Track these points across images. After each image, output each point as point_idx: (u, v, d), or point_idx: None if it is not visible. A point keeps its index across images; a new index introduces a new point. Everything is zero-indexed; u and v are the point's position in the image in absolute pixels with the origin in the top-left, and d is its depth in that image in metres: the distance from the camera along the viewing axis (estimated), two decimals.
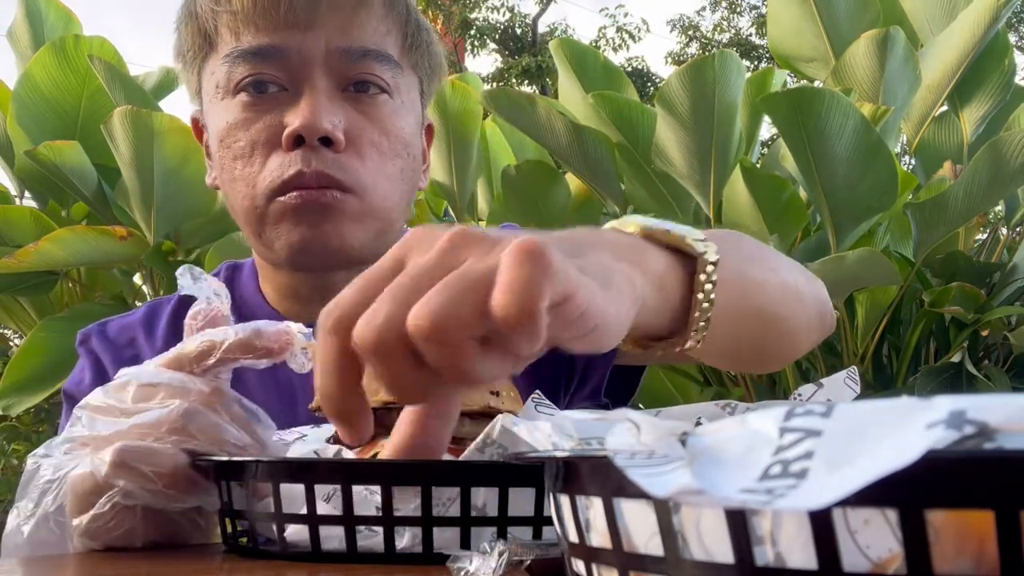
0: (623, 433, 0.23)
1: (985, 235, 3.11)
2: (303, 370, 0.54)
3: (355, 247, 0.74)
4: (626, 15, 15.28)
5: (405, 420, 0.43)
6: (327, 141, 0.72)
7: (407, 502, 0.48)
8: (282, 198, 0.73)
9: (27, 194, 3.13)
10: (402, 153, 0.77)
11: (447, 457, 0.54)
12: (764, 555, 0.21)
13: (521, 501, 0.49)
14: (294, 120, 0.71)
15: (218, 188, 0.80)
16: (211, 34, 0.76)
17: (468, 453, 0.49)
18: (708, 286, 0.45)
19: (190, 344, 0.54)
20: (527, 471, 0.48)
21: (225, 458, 0.53)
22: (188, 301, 0.84)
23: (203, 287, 0.58)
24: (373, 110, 0.75)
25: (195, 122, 0.85)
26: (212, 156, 0.79)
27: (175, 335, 0.79)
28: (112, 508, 0.50)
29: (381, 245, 0.74)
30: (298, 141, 0.72)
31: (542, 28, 15.50)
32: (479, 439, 0.49)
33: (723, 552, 0.22)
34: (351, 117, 0.74)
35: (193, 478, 0.52)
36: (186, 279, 0.58)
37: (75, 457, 0.52)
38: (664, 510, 0.23)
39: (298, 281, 0.81)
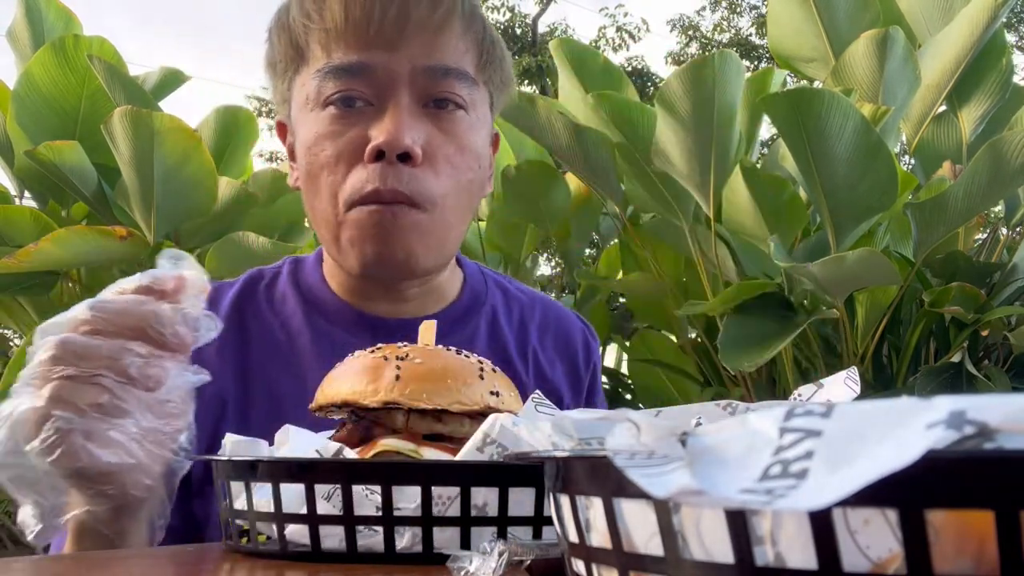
0: (623, 433, 0.23)
1: (985, 235, 3.11)
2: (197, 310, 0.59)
3: (419, 260, 0.81)
4: (626, 15, 15.30)
5: None
6: (405, 156, 0.77)
7: (407, 500, 0.48)
8: (359, 209, 0.78)
9: (27, 194, 3.13)
10: (473, 166, 0.83)
11: (447, 457, 0.54)
12: (764, 555, 0.21)
13: (521, 501, 0.49)
14: (378, 136, 0.77)
15: (299, 189, 0.85)
16: (303, 47, 0.82)
17: (466, 452, 0.49)
18: None
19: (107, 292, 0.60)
20: (527, 471, 0.48)
21: (225, 458, 0.53)
22: (251, 286, 0.89)
23: (183, 267, 0.61)
24: (450, 126, 0.81)
25: (281, 125, 0.90)
26: (297, 160, 0.84)
27: (237, 315, 0.86)
28: (56, 432, 0.54)
29: (445, 254, 0.84)
30: (379, 155, 0.77)
31: (542, 28, 15.50)
32: (478, 439, 0.49)
33: (723, 552, 0.22)
34: (430, 133, 0.80)
35: (121, 407, 0.55)
36: (164, 261, 0.61)
37: (22, 394, 0.57)
38: (664, 510, 0.23)
39: (368, 284, 0.86)
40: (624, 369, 3.49)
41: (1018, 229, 3.27)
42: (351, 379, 0.57)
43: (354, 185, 0.78)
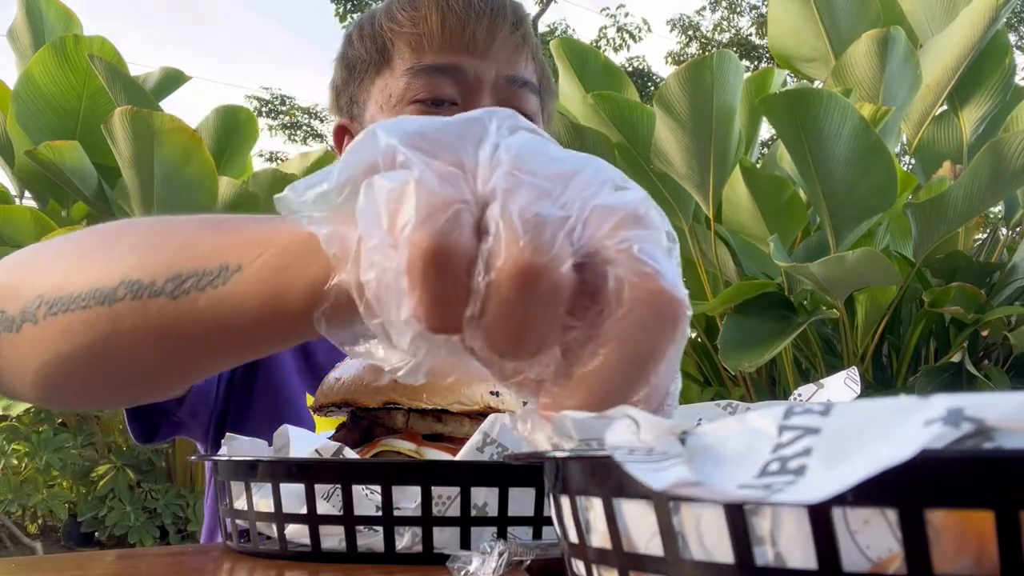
0: (623, 430, 0.23)
1: (985, 235, 3.11)
2: None
3: None
4: (626, 15, 15.28)
5: None
6: None
7: (407, 499, 0.48)
8: None
9: (27, 194, 3.13)
10: None
11: (447, 457, 0.54)
12: (764, 555, 0.21)
13: (521, 501, 0.49)
14: None
15: None
16: (389, 49, 0.85)
17: (466, 452, 0.49)
18: None
19: None
20: (527, 471, 0.48)
21: (225, 458, 0.53)
22: None
23: None
24: None
25: (342, 129, 0.92)
26: None
27: None
28: None
29: None
30: None
31: (542, 28, 15.51)
32: (478, 439, 0.49)
33: (723, 552, 0.22)
34: None
35: None
36: None
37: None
38: (664, 511, 0.23)
39: None
40: None
41: (1018, 229, 3.27)
42: (351, 379, 0.57)
43: None
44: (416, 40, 0.83)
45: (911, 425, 0.18)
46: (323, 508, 0.49)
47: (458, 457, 0.50)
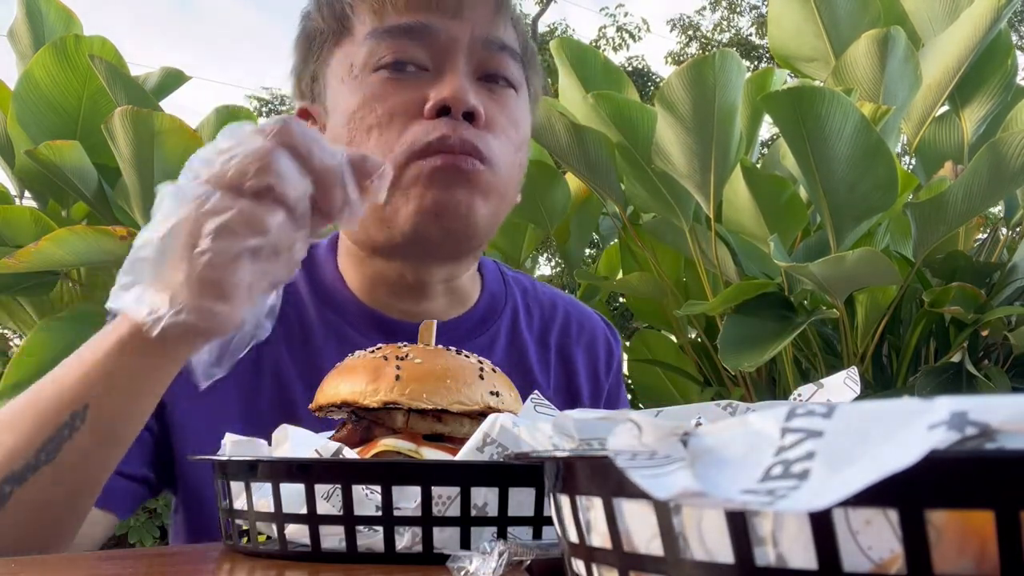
0: (625, 433, 0.23)
1: (985, 235, 3.11)
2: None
3: (478, 221, 0.76)
4: (626, 15, 15.29)
5: None
6: (470, 117, 0.74)
7: (407, 499, 0.48)
8: (422, 161, 0.73)
9: (27, 194, 3.13)
10: (522, 149, 0.81)
11: (447, 457, 0.54)
12: (765, 556, 0.21)
13: (521, 501, 0.49)
14: (441, 91, 0.73)
15: None
16: (348, 15, 0.78)
17: (466, 452, 0.49)
18: None
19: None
20: (527, 471, 0.48)
21: (225, 458, 0.53)
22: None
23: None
24: (504, 100, 0.78)
25: (303, 113, 0.84)
26: (333, 134, 0.79)
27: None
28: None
29: (494, 225, 0.79)
30: (443, 111, 0.73)
31: (542, 28, 15.50)
32: (478, 439, 0.49)
33: (724, 553, 0.22)
34: (486, 103, 0.76)
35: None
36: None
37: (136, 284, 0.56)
38: (665, 511, 0.23)
39: (393, 270, 0.81)
40: (624, 369, 3.49)
41: (1018, 229, 3.27)
42: (351, 379, 0.57)
43: (417, 135, 0.73)
44: (378, 3, 0.75)
45: (915, 429, 0.18)
46: (323, 508, 0.48)
47: (458, 457, 0.50)
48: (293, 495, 0.50)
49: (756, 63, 15.04)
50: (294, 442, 0.54)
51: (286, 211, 0.54)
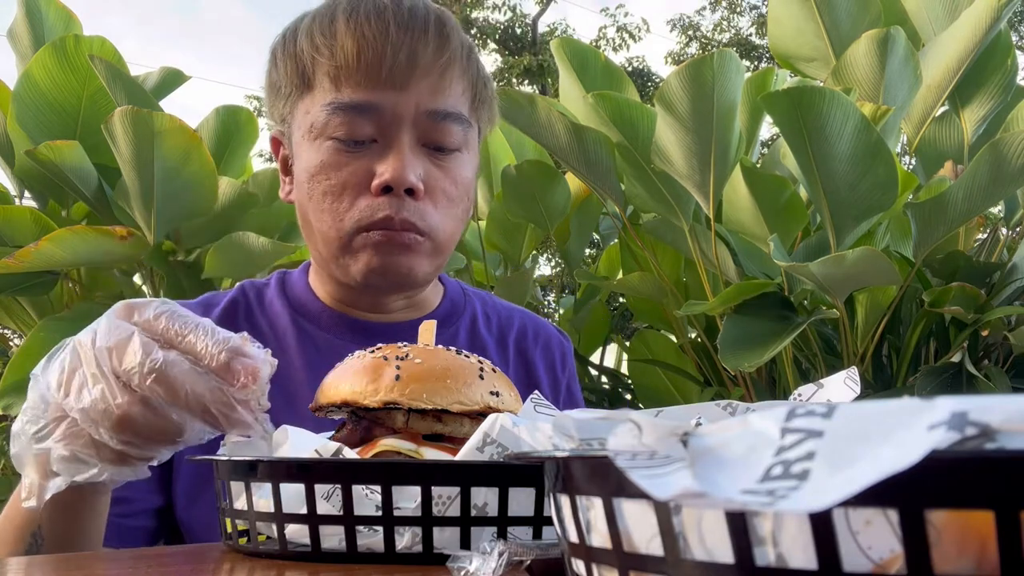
0: (625, 434, 0.23)
1: (985, 235, 3.11)
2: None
3: (419, 277, 0.89)
4: (626, 15, 15.29)
5: None
6: (410, 191, 0.84)
7: (407, 499, 0.48)
8: (368, 233, 0.85)
9: (27, 194, 3.13)
10: (464, 197, 0.91)
11: (447, 457, 0.54)
12: (765, 556, 0.21)
13: (521, 501, 0.49)
14: (385, 172, 0.83)
15: (291, 202, 0.92)
16: (310, 76, 0.86)
17: (466, 452, 0.49)
18: None
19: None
20: (527, 471, 0.48)
21: (225, 458, 0.53)
22: (242, 294, 0.96)
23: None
24: (447, 164, 0.88)
25: (276, 140, 0.95)
26: (296, 182, 0.90)
27: (228, 318, 0.93)
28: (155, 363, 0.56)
29: (437, 269, 0.92)
30: (386, 189, 0.84)
31: (542, 28, 15.51)
32: (478, 439, 0.49)
33: (724, 553, 0.22)
34: (428, 170, 0.86)
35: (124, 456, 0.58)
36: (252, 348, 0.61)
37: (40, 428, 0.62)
38: (665, 511, 0.23)
39: (357, 294, 0.93)
40: (624, 369, 3.49)
41: (1018, 229, 3.27)
42: (351, 379, 0.57)
43: (363, 212, 0.84)
44: (334, 71, 0.83)
45: (915, 430, 0.18)
46: (323, 508, 0.48)
47: (458, 457, 0.50)
48: (293, 495, 0.50)
49: (756, 63, 15.04)
50: (294, 442, 0.54)
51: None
